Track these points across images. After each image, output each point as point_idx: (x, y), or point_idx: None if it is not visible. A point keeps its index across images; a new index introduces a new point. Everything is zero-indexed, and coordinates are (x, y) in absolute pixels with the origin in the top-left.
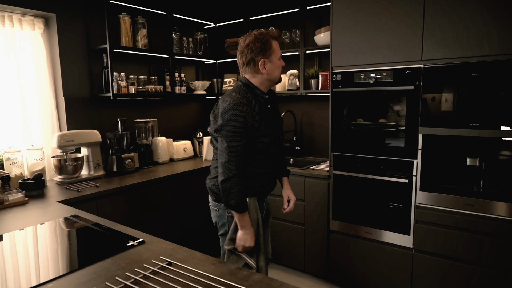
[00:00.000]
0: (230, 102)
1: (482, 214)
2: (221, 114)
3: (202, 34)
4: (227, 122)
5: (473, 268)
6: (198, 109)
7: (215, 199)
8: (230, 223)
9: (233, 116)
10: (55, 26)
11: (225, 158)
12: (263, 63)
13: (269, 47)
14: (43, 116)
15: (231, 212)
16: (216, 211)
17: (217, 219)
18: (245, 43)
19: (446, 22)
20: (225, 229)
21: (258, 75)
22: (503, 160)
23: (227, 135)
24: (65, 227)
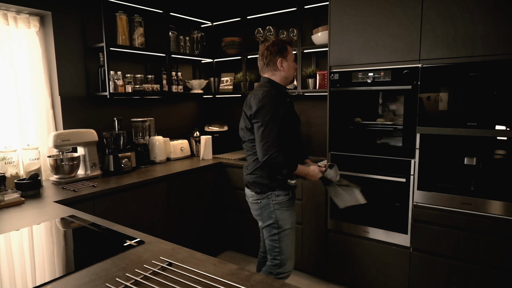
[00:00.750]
0: (263, 92)
1: (479, 213)
2: (256, 103)
3: (199, 33)
4: (263, 107)
5: (470, 267)
6: (195, 108)
7: (260, 191)
8: (277, 211)
9: (268, 102)
10: (50, 24)
11: (264, 140)
12: (281, 62)
13: (285, 48)
14: (38, 115)
15: (276, 199)
16: (258, 203)
17: (261, 210)
18: (265, 47)
19: (444, 22)
20: (272, 218)
21: (277, 72)
22: (500, 159)
23: (264, 119)
24: (63, 227)
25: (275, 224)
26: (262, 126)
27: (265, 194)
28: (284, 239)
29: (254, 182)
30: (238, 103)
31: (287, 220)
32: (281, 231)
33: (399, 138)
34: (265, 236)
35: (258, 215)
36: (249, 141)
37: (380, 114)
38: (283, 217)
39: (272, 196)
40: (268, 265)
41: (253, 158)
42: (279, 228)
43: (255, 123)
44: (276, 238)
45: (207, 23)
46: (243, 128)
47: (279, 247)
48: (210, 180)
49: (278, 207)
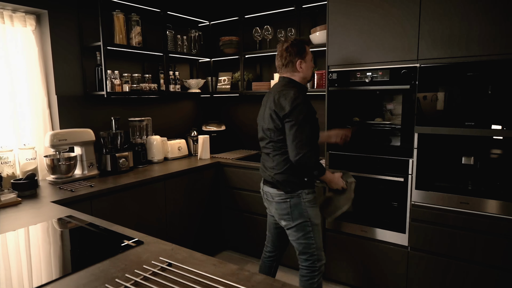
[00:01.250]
0: (295, 92)
1: (476, 212)
2: (290, 103)
3: (196, 32)
4: (296, 107)
5: (468, 266)
6: (193, 107)
7: (290, 189)
8: (309, 208)
9: (301, 102)
10: (47, 23)
11: (297, 139)
12: (300, 63)
13: (304, 49)
14: (35, 114)
15: (306, 197)
16: (287, 202)
17: (290, 209)
18: (284, 48)
19: (442, 22)
20: (304, 216)
21: (296, 73)
22: (497, 158)
23: (298, 118)
24: (60, 228)
25: (308, 222)
26: (295, 126)
27: (296, 192)
28: (317, 234)
29: (285, 181)
30: (235, 102)
31: (317, 216)
32: (315, 227)
33: (397, 138)
34: (295, 237)
35: (286, 214)
36: (278, 141)
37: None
38: (314, 214)
39: (303, 195)
40: (305, 266)
41: (282, 157)
42: (312, 225)
43: (288, 122)
44: (311, 235)
45: (204, 22)
46: (271, 128)
47: (315, 242)
48: (208, 179)
49: (309, 204)
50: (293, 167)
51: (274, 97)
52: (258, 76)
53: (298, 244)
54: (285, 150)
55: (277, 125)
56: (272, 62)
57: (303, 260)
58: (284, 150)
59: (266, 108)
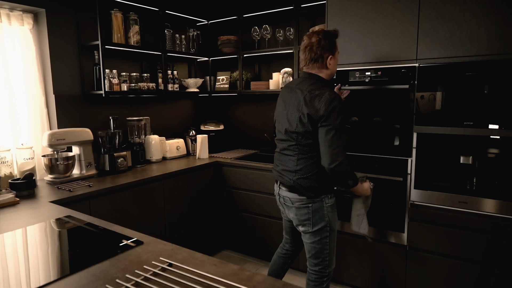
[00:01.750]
0: (330, 93)
1: (475, 211)
2: (326, 105)
3: (194, 31)
4: (333, 110)
5: (467, 265)
6: (191, 107)
7: (314, 195)
8: (330, 213)
9: (338, 105)
10: (44, 21)
11: (334, 145)
12: (330, 59)
13: (335, 44)
14: (32, 114)
15: (329, 202)
16: (309, 207)
17: (311, 214)
18: (315, 40)
19: (441, 22)
20: (326, 221)
21: (323, 70)
22: (495, 158)
23: (335, 123)
24: (59, 228)
25: (327, 227)
26: (333, 130)
27: (319, 197)
28: (333, 240)
29: (309, 187)
30: (234, 102)
31: (336, 221)
32: (332, 232)
33: (396, 137)
34: (311, 240)
35: (306, 220)
36: (306, 145)
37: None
38: (334, 219)
39: (326, 199)
40: (315, 270)
41: (309, 161)
42: (331, 230)
43: (324, 126)
44: (327, 241)
45: (203, 22)
46: (299, 132)
47: (329, 248)
48: (207, 179)
49: (330, 209)
50: (320, 173)
51: (304, 97)
52: (257, 75)
53: (312, 248)
54: (312, 155)
55: (307, 129)
56: (270, 62)
57: (313, 265)
58: (311, 154)
59: (293, 109)
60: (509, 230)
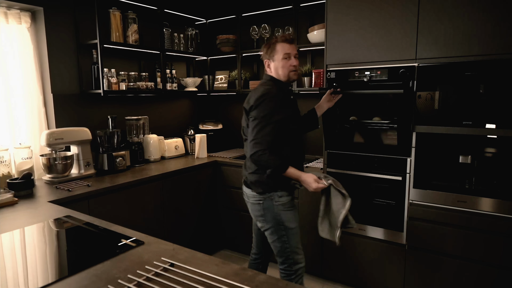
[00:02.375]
0: (263, 90)
1: (474, 210)
2: (255, 99)
3: (193, 30)
4: (260, 103)
5: (465, 264)
6: (189, 106)
7: (262, 191)
8: (282, 212)
9: (266, 99)
10: (42, 20)
11: (253, 136)
12: (268, 64)
13: (273, 49)
14: (30, 113)
15: (279, 200)
16: (260, 204)
17: (263, 211)
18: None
19: (440, 22)
20: (277, 219)
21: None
22: (494, 158)
23: (259, 115)
24: (59, 228)
25: (281, 226)
26: (255, 121)
27: (267, 194)
28: (293, 237)
29: (256, 181)
30: (232, 101)
31: (292, 219)
32: (289, 230)
33: (395, 137)
34: (270, 239)
35: (260, 216)
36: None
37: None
38: (289, 217)
39: (275, 197)
40: (282, 269)
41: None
42: (286, 228)
43: (250, 118)
44: (285, 239)
45: (201, 20)
46: (244, 126)
47: (290, 246)
48: (205, 178)
49: (282, 208)
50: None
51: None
52: (255, 74)
53: (274, 247)
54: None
55: (248, 123)
56: None
57: (279, 263)
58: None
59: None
60: (507, 229)
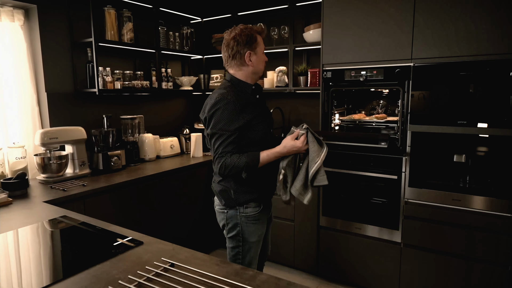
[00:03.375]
0: (217, 97)
1: (468, 208)
2: (208, 110)
3: (188, 29)
4: (215, 113)
5: (459, 261)
6: (185, 105)
7: (225, 203)
8: (243, 223)
9: (220, 108)
10: (36, 18)
11: (215, 150)
12: (249, 55)
13: (255, 39)
14: (23, 112)
15: (244, 212)
16: (224, 213)
17: (226, 221)
18: (231, 36)
19: (436, 22)
20: (237, 230)
21: (244, 67)
22: (488, 156)
23: (215, 126)
24: (56, 229)
25: (239, 237)
26: (214, 135)
27: (232, 206)
28: (248, 252)
29: (221, 191)
30: None
31: (253, 234)
32: (246, 244)
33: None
34: (227, 244)
35: (224, 225)
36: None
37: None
38: (250, 231)
39: (240, 208)
40: None
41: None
42: (244, 241)
43: (208, 129)
44: (240, 251)
45: (197, 19)
46: (206, 136)
47: (242, 259)
48: (201, 177)
49: (246, 220)
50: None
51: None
52: None
53: (228, 252)
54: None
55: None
56: None
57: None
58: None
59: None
60: (501, 227)
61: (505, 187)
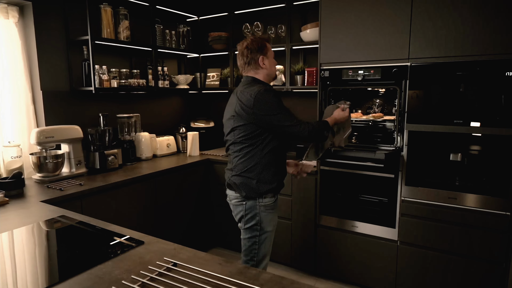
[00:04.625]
0: (259, 88)
1: (464, 206)
2: (256, 100)
3: (185, 27)
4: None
5: (455, 258)
6: (181, 104)
7: (245, 195)
8: (262, 212)
9: (269, 94)
10: (31, 15)
11: (288, 123)
12: (262, 59)
13: (264, 46)
14: (18, 110)
15: (263, 202)
16: (243, 205)
17: (244, 212)
18: (243, 46)
19: (433, 22)
20: (256, 220)
21: (259, 70)
22: (483, 155)
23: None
24: (56, 229)
25: (257, 226)
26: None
27: (252, 196)
28: (264, 241)
29: (241, 184)
30: (224, 98)
31: (270, 222)
32: (263, 233)
33: (388, 135)
34: (243, 236)
35: (241, 217)
36: (240, 143)
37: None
38: (267, 220)
39: (259, 199)
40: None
41: (242, 159)
42: (261, 230)
43: (264, 116)
44: (256, 240)
45: (193, 17)
46: (234, 128)
47: (258, 248)
48: (198, 176)
49: (264, 209)
50: (252, 171)
51: (238, 96)
52: None
53: (243, 244)
54: (244, 152)
55: (238, 125)
56: None
57: (243, 261)
58: (244, 152)
59: (229, 110)
60: (495, 225)
61: (500, 185)
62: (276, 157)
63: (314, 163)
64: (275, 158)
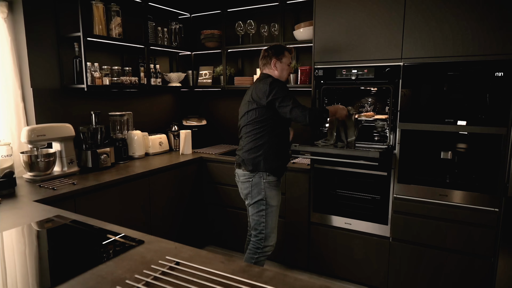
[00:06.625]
0: (272, 79)
1: (454, 203)
2: (269, 84)
3: (177, 24)
4: (276, 87)
5: (446, 255)
6: (173, 101)
7: (251, 169)
8: (267, 188)
9: (279, 84)
10: (21, 10)
11: (291, 106)
12: (275, 62)
13: (282, 52)
14: (7, 108)
15: (267, 179)
16: (250, 181)
17: (251, 188)
18: (265, 50)
19: (426, 23)
20: (262, 194)
21: (271, 71)
22: (473, 153)
23: (281, 94)
24: (52, 228)
25: (263, 201)
26: (284, 100)
27: (257, 172)
28: (270, 215)
29: (248, 159)
30: (217, 97)
31: (274, 198)
32: (269, 207)
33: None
34: (251, 212)
35: (248, 193)
36: (251, 125)
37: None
38: (272, 195)
39: (264, 175)
40: (253, 241)
41: (252, 139)
42: (267, 204)
43: (274, 99)
44: (263, 214)
45: (185, 15)
46: (248, 111)
47: (266, 221)
48: (191, 175)
49: (268, 185)
50: (259, 149)
51: (254, 85)
52: (240, 70)
53: (252, 220)
54: (254, 133)
55: (251, 108)
56: (254, 57)
57: (253, 235)
58: (254, 133)
59: (245, 98)
60: (485, 221)
61: (488, 183)
62: (281, 141)
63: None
64: (280, 141)
